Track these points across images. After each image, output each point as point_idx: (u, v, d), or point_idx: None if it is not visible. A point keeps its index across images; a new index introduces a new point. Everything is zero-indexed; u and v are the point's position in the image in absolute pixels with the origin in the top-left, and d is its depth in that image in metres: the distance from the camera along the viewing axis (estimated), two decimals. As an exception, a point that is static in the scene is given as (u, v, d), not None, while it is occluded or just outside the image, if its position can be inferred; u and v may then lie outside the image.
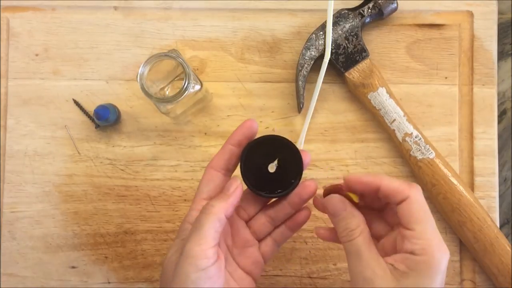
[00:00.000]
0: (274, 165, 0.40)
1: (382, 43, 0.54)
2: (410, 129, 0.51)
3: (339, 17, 0.52)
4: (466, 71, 0.54)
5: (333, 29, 0.51)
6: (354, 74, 0.52)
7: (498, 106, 0.54)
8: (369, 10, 0.52)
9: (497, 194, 0.53)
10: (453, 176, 0.50)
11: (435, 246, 0.35)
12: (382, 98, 0.51)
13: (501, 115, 0.56)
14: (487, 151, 0.53)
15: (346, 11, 0.52)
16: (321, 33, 0.51)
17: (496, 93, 0.54)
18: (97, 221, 0.53)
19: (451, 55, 0.54)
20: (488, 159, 0.53)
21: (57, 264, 0.53)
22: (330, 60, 0.51)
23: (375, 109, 0.51)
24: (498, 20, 0.55)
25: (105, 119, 0.51)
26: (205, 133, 0.54)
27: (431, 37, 0.54)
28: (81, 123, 0.54)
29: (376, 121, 0.53)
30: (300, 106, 0.52)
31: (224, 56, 0.54)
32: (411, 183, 0.37)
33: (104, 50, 0.54)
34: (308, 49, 0.51)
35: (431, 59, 0.54)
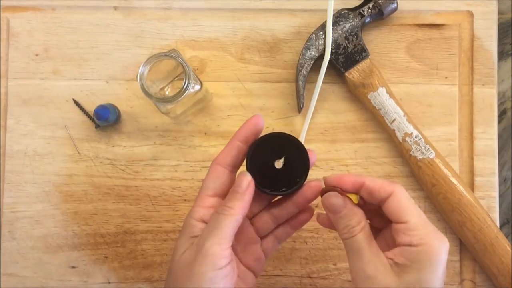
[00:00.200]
0: (281, 161, 0.39)
1: (382, 43, 0.54)
2: (410, 129, 0.51)
3: (339, 17, 0.52)
4: (466, 71, 0.54)
5: (333, 29, 0.51)
6: (354, 74, 0.52)
7: (498, 106, 0.54)
8: (369, 10, 0.52)
9: (497, 194, 0.53)
10: (453, 176, 0.50)
11: (432, 235, 0.35)
12: (382, 98, 0.51)
13: (501, 115, 0.56)
14: (487, 151, 0.53)
15: (346, 11, 0.52)
16: (321, 33, 0.51)
17: (496, 93, 0.54)
18: (97, 221, 0.53)
19: (451, 55, 0.54)
20: (488, 159, 0.53)
21: (57, 264, 0.53)
22: (330, 60, 0.51)
23: (375, 109, 0.51)
24: (498, 20, 0.55)
25: (105, 119, 0.51)
26: (205, 133, 0.54)
27: (431, 37, 0.54)
28: (81, 123, 0.54)
29: (376, 121, 0.53)
30: (300, 106, 0.52)
31: (224, 56, 0.54)
32: (393, 181, 0.37)
33: (104, 50, 0.54)
34: (308, 49, 0.51)
35: (431, 59, 0.54)
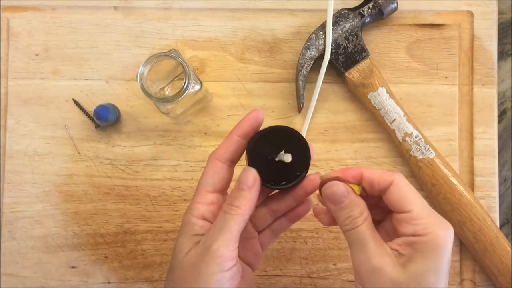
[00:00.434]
0: (288, 155, 0.37)
1: (382, 43, 0.54)
2: (410, 129, 0.51)
3: (339, 17, 0.52)
4: (466, 71, 0.54)
5: (333, 29, 0.51)
6: (354, 74, 0.52)
7: (498, 106, 0.54)
8: (369, 10, 0.52)
9: (497, 194, 0.53)
10: (453, 176, 0.50)
11: (436, 224, 0.34)
12: (382, 98, 0.51)
13: (501, 115, 0.56)
14: (487, 151, 0.53)
15: (346, 11, 0.52)
16: (321, 33, 0.51)
17: (496, 93, 0.54)
18: (97, 221, 0.53)
19: (451, 55, 0.54)
20: (488, 159, 0.53)
21: (57, 264, 0.53)
22: (330, 60, 0.51)
23: (375, 109, 0.51)
24: (498, 20, 0.55)
25: (105, 119, 0.51)
26: (205, 133, 0.54)
27: (431, 37, 0.54)
28: (81, 123, 0.54)
29: (376, 121, 0.53)
30: (300, 106, 0.52)
31: (224, 56, 0.54)
32: (392, 170, 0.36)
33: (104, 50, 0.54)
34: (308, 49, 0.51)
35: (431, 59, 0.54)
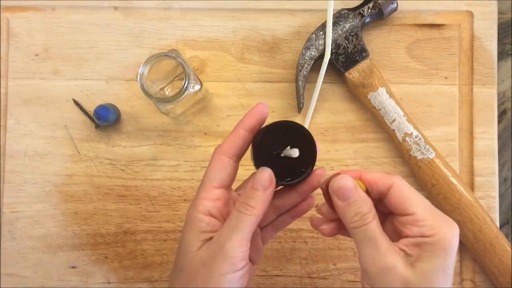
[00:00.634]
0: (296, 150, 0.37)
1: (382, 43, 0.54)
2: (410, 129, 0.51)
3: (339, 17, 0.52)
4: (466, 71, 0.54)
5: (333, 29, 0.51)
6: (354, 74, 0.52)
7: (498, 106, 0.54)
8: (369, 10, 0.52)
9: (497, 194, 0.53)
10: (453, 176, 0.50)
11: (442, 223, 0.34)
12: (382, 98, 0.51)
13: (501, 115, 0.56)
14: (487, 151, 0.53)
15: (346, 11, 0.52)
16: (321, 33, 0.51)
17: (496, 93, 0.54)
18: (97, 221, 0.53)
19: (451, 55, 0.54)
20: (488, 159, 0.53)
21: (57, 264, 0.53)
22: (330, 60, 0.51)
23: (375, 109, 0.51)
24: (498, 20, 0.55)
25: (105, 119, 0.51)
26: (205, 133, 0.54)
27: (431, 37, 0.54)
28: (81, 123, 0.54)
29: (376, 121, 0.53)
30: (300, 106, 0.52)
31: (224, 56, 0.54)
32: (390, 173, 0.36)
33: (104, 50, 0.54)
34: (308, 49, 0.51)
35: (431, 59, 0.54)
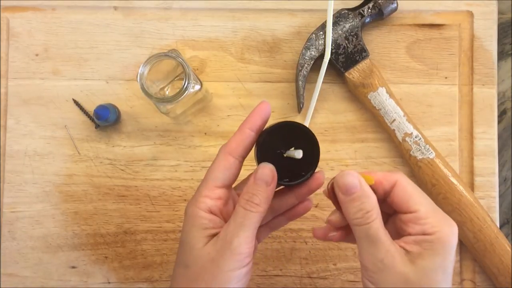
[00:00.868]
0: (300, 151, 0.37)
1: (382, 43, 0.54)
2: (410, 129, 0.51)
3: (339, 17, 0.52)
4: (466, 71, 0.54)
5: (333, 29, 0.51)
6: (354, 74, 0.52)
7: (498, 106, 0.54)
8: (369, 10, 0.52)
9: (497, 194, 0.53)
10: (453, 176, 0.50)
11: (443, 221, 0.34)
12: (382, 98, 0.51)
13: (501, 115, 0.56)
14: (487, 151, 0.53)
15: (346, 11, 0.52)
16: (321, 33, 0.51)
17: (496, 93, 0.54)
18: (97, 221, 0.53)
19: (451, 55, 0.54)
20: (488, 159, 0.53)
21: (57, 264, 0.53)
22: (330, 60, 0.51)
23: (375, 109, 0.51)
24: (498, 20, 0.55)
25: (105, 119, 0.51)
26: (205, 133, 0.54)
27: (431, 37, 0.54)
28: (81, 123, 0.54)
29: (376, 121, 0.53)
30: (300, 106, 0.52)
31: (224, 56, 0.54)
32: (393, 171, 0.36)
33: (104, 50, 0.54)
34: (308, 49, 0.51)
35: (431, 59, 0.54)
